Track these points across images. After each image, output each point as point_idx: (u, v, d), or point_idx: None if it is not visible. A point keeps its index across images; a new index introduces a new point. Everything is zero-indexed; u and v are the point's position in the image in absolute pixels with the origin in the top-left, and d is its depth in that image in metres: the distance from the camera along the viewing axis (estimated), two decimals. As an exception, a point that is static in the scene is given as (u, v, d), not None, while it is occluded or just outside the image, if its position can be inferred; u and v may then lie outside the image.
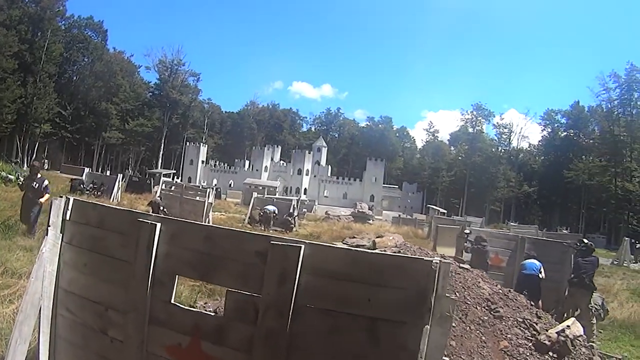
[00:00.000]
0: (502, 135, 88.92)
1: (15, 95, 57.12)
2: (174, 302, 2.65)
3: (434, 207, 60.34)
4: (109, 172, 57.28)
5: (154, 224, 2.67)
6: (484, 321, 5.05)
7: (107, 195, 22.34)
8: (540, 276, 9.07)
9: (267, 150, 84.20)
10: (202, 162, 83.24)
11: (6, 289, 5.40)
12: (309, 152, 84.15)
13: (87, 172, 26.28)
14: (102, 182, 24.29)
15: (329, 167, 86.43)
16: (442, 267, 2.19)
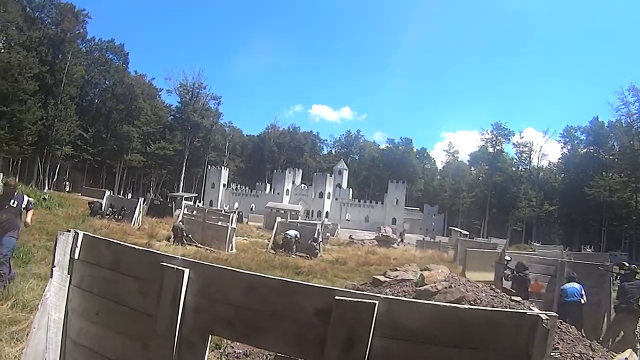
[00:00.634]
0: (522, 154, 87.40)
1: (36, 117, 57.45)
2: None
3: (456, 228, 60.14)
4: (130, 195, 57.92)
5: (182, 270, 2.14)
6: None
7: (128, 219, 22.08)
8: (582, 301, 8.80)
9: (288, 173, 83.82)
10: (224, 185, 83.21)
11: (15, 325, 5.02)
12: (330, 175, 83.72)
13: (108, 195, 26.05)
14: (122, 205, 24.05)
15: (350, 190, 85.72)
16: (551, 322, 1.79)
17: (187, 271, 2.14)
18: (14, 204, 7.80)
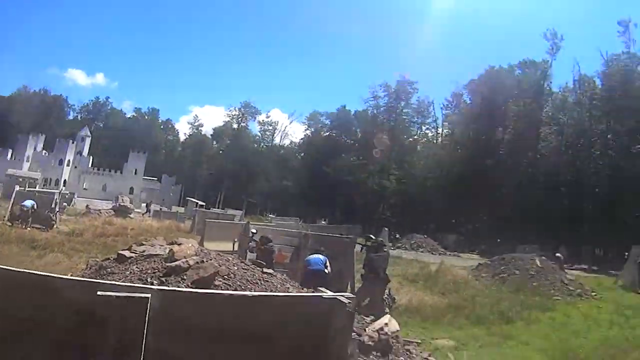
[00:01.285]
0: (266, 132, 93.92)
1: None
2: None
3: (192, 199, 60.33)
4: None
5: None
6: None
7: None
8: (326, 271, 8.98)
9: (31, 138, 79.32)
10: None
11: None
12: (73, 142, 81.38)
13: None
14: None
15: (91, 158, 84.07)
16: (353, 304, 1.81)
17: None
18: None
